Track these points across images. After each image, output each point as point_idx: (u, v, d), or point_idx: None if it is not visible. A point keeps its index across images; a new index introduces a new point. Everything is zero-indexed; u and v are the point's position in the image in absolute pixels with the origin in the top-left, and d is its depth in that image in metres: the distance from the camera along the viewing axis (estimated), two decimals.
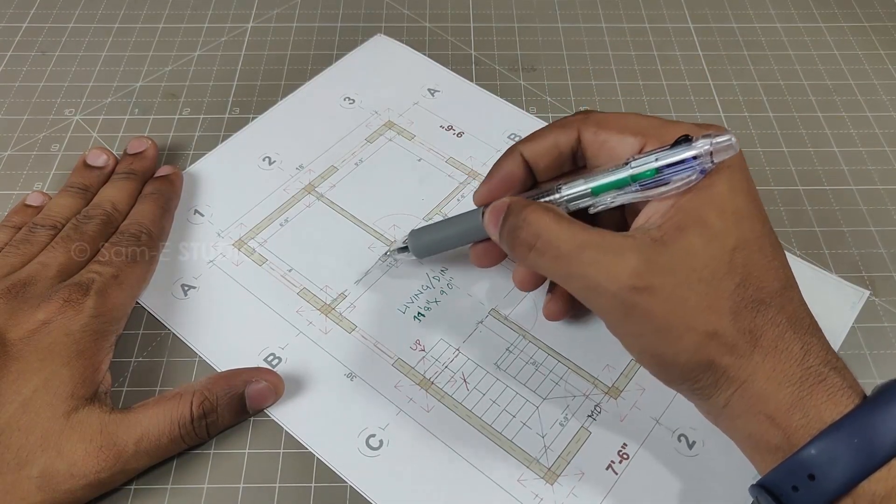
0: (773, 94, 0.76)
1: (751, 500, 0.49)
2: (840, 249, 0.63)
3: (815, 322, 0.43)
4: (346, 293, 0.59)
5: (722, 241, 0.41)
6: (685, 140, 0.42)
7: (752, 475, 0.49)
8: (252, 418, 0.53)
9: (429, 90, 0.74)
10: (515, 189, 0.51)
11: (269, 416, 0.53)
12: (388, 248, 0.58)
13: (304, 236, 0.62)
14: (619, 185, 0.45)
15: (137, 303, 0.58)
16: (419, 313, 0.58)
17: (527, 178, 0.51)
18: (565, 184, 0.48)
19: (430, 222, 0.51)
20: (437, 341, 0.57)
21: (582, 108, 0.49)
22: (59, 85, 0.75)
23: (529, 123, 0.72)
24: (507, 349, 0.56)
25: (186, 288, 0.59)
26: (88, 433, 0.47)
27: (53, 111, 0.72)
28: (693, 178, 0.42)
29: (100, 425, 0.47)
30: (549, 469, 0.51)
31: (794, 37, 0.82)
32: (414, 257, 0.57)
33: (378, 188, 0.66)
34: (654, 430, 0.53)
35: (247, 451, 0.52)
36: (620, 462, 0.51)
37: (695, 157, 0.42)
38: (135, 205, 0.61)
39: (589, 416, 0.53)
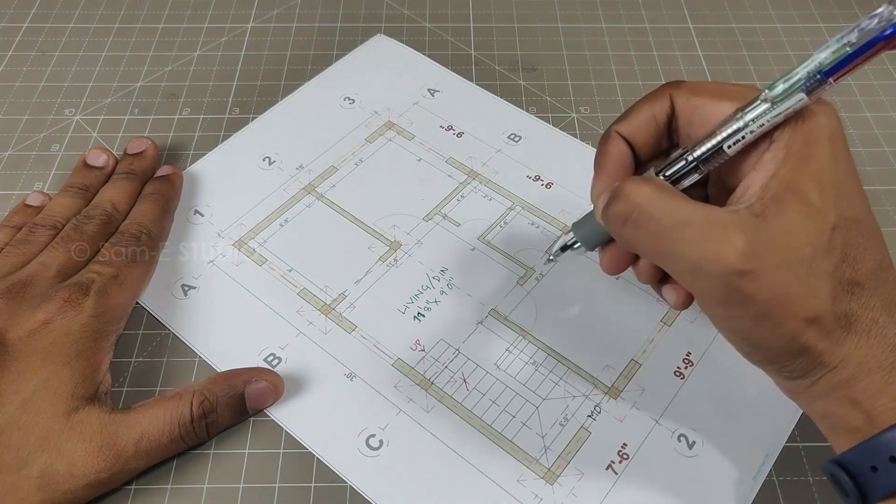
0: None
1: (751, 499, 0.49)
2: None
3: None
4: (346, 293, 0.59)
5: (822, 218, 0.38)
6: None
7: (752, 475, 0.50)
8: (252, 419, 0.53)
9: (429, 90, 0.74)
10: (628, 172, 0.46)
11: (269, 417, 0.53)
12: (547, 252, 0.53)
13: (304, 236, 0.62)
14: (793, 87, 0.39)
15: (137, 303, 0.58)
16: (419, 313, 0.58)
17: (632, 158, 0.46)
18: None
19: (583, 214, 0.49)
20: (436, 341, 0.57)
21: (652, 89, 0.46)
22: (59, 85, 0.75)
23: (529, 123, 0.72)
24: (506, 349, 0.56)
25: (187, 288, 0.59)
26: (88, 433, 0.47)
27: (53, 111, 0.72)
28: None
29: (100, 425, 0.47)
30: (548, 469, 0.51)
31: (794, 37, 0.82)
32: (584, 250, 0.50)
33: (378, 188, 0.66)
34: (654, 431, 0.53)
35: (247, 451, 0.52)
36: (620, 462, 0.51)
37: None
38: (135, 205, 0.61)
39: (589, 416, 0.53)
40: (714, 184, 0.46)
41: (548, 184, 0.66)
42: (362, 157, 0.68)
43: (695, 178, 0.43)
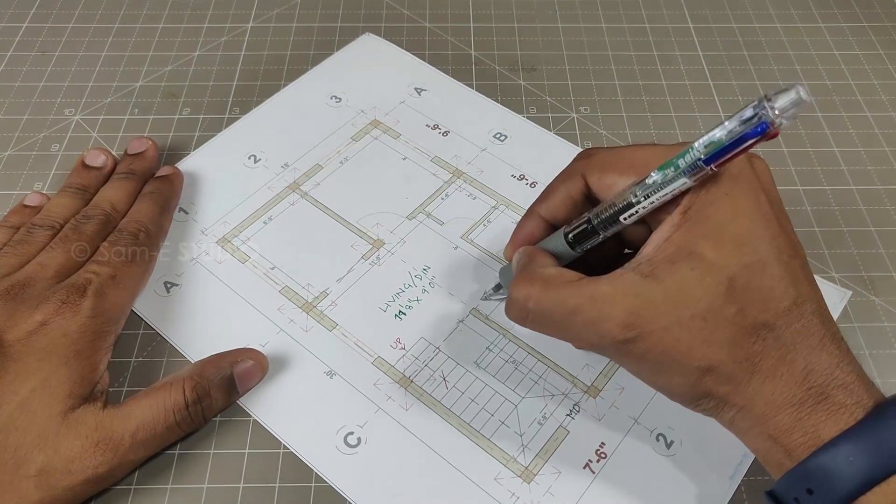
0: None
1: (728, 498, 0.49)
2: (840, 249, 0.63)
3: (833, 331, 0.42)
4: (328, 291, 0.59)
5: (717, 272, 0.40)
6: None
7: (729, 475, 0.49)
8: (252, 419, 0.53)
9: (415, 89, 0.74)
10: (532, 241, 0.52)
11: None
12: (484, 294, 0.59)
13: (287, 234, 0.62)
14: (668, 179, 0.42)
15: None
16: (400, 312, 0.58)
17: (547, 233, 0.51)
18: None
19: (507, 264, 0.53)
20: (417, 339, 0.57)
21: (584, 147, 0.48)
22: (59, 85, 0.75)
23: (515, 123, 0.72)
24: (487, 348, 0.56)
25: (169, 285, 0.59)
26: (84, 430, 0.47)
27: (53, 111, 0.73)
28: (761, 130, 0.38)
29: (95, 421, 0.48)
30: (525, 468, 0.51)
31: (794, 37, 0.81)
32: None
33: (362, 186, 0.66)
34: (633, 430, 0.53)
35: (247, 451, 0.52)
36: (598, 461, 0.51)
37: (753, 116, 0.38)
38: (134, 204, 0.61)
39: (567, 414, 0.53)
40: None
41: (532, 183, 0.66)
42: (347, 156, 0.68)
43: (596, 240, 0.47)
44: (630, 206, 0.43)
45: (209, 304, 0.58)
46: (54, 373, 0.48)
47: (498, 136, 0.70)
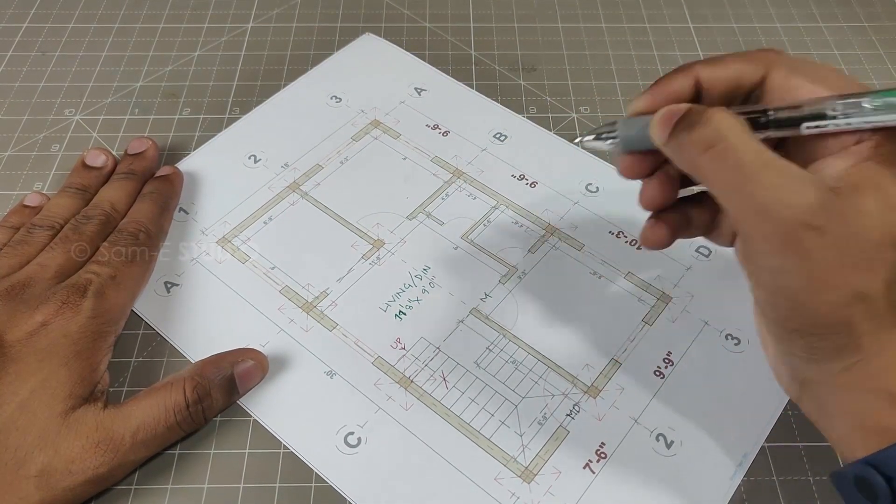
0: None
1: (728, 499, 0.49)
2: None
3: None
4: (328, 291, 0.59)
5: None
6: None
7: (729, 476, 0.49)
8: (252, 419, 0.53)
9: (416, 89, 0.74)
10: (678, 103, 0.44)
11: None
12: (581, 135, 0.49)
13: (287, 234, 0.62)
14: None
15: None
16: (400, 311, 0.58)
17: (693, 99, 0.44)
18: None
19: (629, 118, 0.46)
20: (417, 340, 0.57)
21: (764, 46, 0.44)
22: (59, 85, 0.75)
23: (515, 122, 0.72)
24: (487, 348, 0.56)
25: (169, 285, 0.59)
26: (85, 431, 0.47)
27: (53, 111, 0.73)
28: None
29: (95, 422, 0.48)
30: (526, 468, 0.51)
31: (794, 37, 0.81)
32: (617, 150, 0.47)
33: (362, 186, 0.66)
34: (633, 430, 0.52)
35: (247, 451, 0.52)
36: (598, 461, 0.51)
37: None
38: (134, 204, 0.61)
39: (567, 415, 0.53)
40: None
41: (532, 183, 0.66)
42: (347, 156, 0.68)
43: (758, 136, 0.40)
44: (822, 116, 0.39)
45: (209, 304, 0.58)
46: (54, 373, 0.48)
47: (498, 136, 0.70)
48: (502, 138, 0.69)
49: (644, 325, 0.57)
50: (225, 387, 0.52)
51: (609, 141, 0.47)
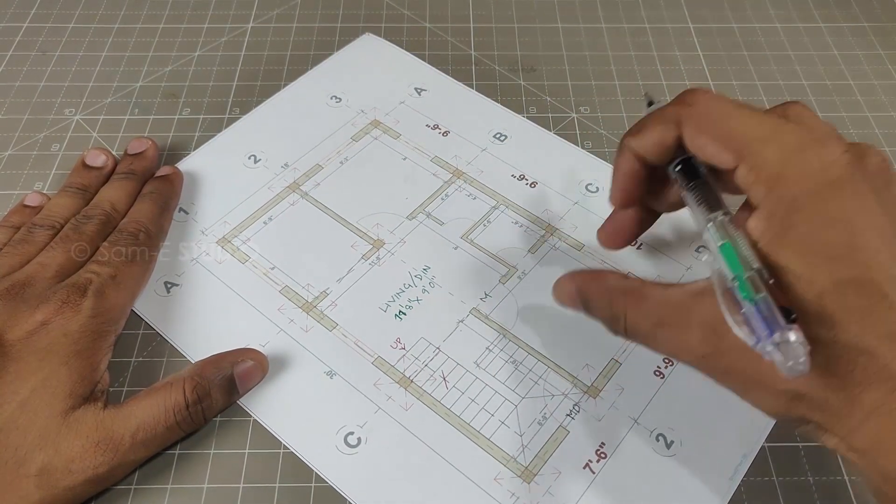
0: (773, 94, 0.75)
1: (728, 499, 0.49)
2: None
3: None
4: (328, 291, 0.59)
5: (806, 287, 0.36)
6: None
7: (729, 476, 0.49)
8: (252, 419, 0.53)
9: (416, 89, 0.74)
10: (639, 182, 0.49)
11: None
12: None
13: (287, 234, 0.62)
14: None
15: None
16: (400, 311, 0.58)
17: (642, 167, 0.48)
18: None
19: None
20: (417, 340, 0.57)
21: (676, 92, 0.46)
22: (59, 85, 0.75)
23: (515, 122, 0.72)
24: (487, 348, 0.56)
25: (169, 285, 0.59)
26: (85, 430, 0.47)
27: (53, 111, 0.73)
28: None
29: (96, 422, 0.48)
30: (525, 468, 0.51)
31: (794, 37, 0.82)
32: None
33: (362, 187, 0.66)
34: (633, 430, 0.52)
35: (247, 451, 0.52)
36: (598, 461, 0.51)
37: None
38: (134, 204, 0.61)
39: (567, 415, 0.53)
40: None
41: (532, 183, 0.66)
42: (347, 156, 0.68)
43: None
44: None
45: (209, 304, 0.58)
46: (55, 372, 0.48)
47: (498, 136, 0.70)
48: (502, 138, 0.70)
49: None
50: (225, 387, 0.52)
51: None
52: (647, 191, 0.51)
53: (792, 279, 0.37)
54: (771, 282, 0.37)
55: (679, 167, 0.47)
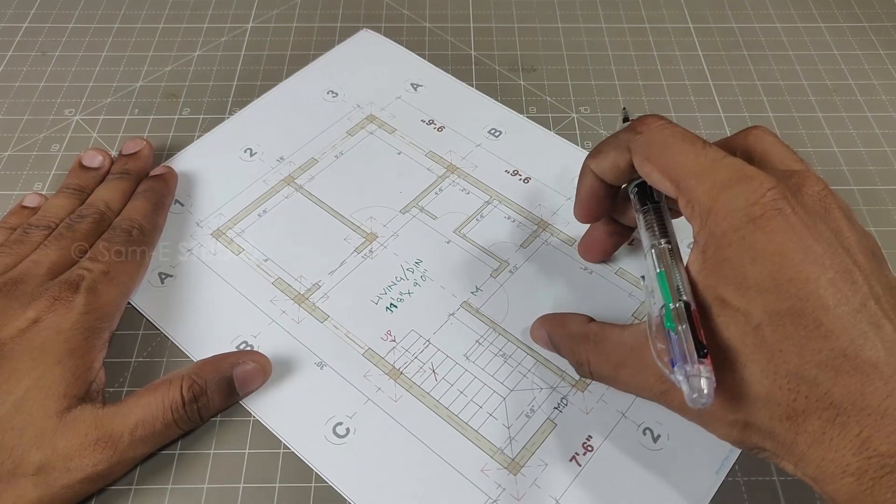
0: (772, 94, 0.75)
1: (713, 493, 0.49)
2: None
3: None
4: (320, 283, 0.59)
5: (741, 319, 0.38)
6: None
7: (715, 470, 0.49)
8: (252, 419, 0.53)
9: (412, 84, 0.74)
10: (600, 200, 0.52)
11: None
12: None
13: (281, 227, 0.63)
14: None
15: None
16: (392, 304, 0.58)
17: (602, 187, 0.51)
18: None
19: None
20: (407, 332, 0.57)
21: (634, 117, 0.47)
22: (59, 85, 0.76)
23: (510, 118, 0.72)
24: (476, 341, 0.56)
25: (164, 276, 0.59)
26: (83, 429, 0.47)
27: (53, 111, 0.73)
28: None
29: (93, 420, 0.48)
30: (512, 460, 0.51)
31: (794, 37, 0.81)
32: None
33: (356, 180, 0.66)
34: (620, 424, 0.52)
35: (247, 451, 0.52)
36: (584, 454, 0.51)
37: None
38: (128, 202, 0.61)
39: (555, 408, 0.53)
40: None
41: (526, 178, 0.66)
42: (343, 150, 0.68)
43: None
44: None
45: (203, 294, 0.59)
46: (49, 371, 0.48)
47: (493, 131, 0.70)
48: (497, 134, 0.70)
49: (634, 320, 0.57)
50: (222, 388, 0.52)
51: None
52: (613, 207, 0.54)
53: (730, 312, 0.39)
54: (693, 317, 0.40)
55: (637, 189, 0.50)
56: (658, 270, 0.44)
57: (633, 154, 0.45)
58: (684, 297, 0.41)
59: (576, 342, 0.50)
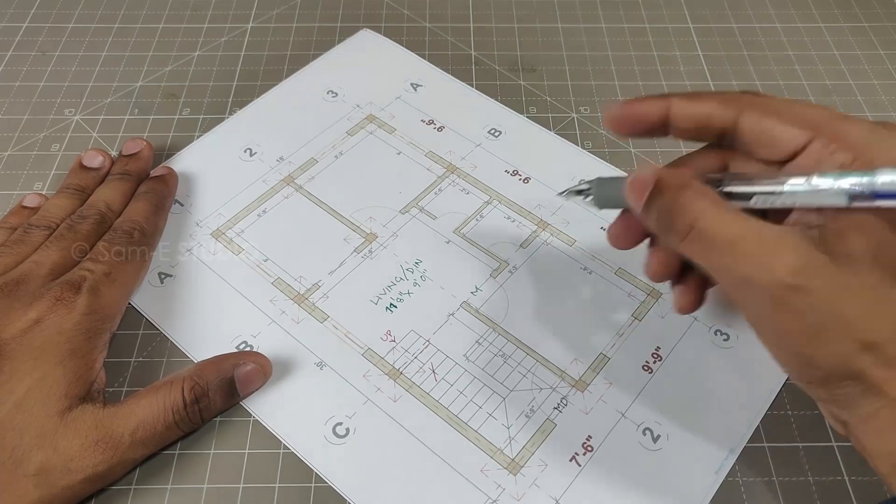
0: (772, 94, 0.75)
1: (713, 493, 0.49)
2: None
3: None
4: (319, 283, 0.59)
5: (892, 248, 0.37)
6: None
7: (714, 470, 0.49)
8: (252, 419, 0.53)
9: (412, 84, 0.74)
10: (641, 128, 0.46)
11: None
12: (565, 190, 0.51)
13: (280, 227, 0.63)
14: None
15: None
16: (391, 304, 0.58)
17: (659, 128, 0.45)
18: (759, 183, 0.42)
19: (616, 175, 0.48)
20: (407, 332, 0.57)
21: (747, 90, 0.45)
22: (59, 85, 0.76)
23: (510, 118, 0.72)
24: (476, 341, 0.56)
25: (163, 276, 0.59)
26: (84, 429, 0.47)
27: (53, 111, 0.73)
28: None
29: (94, 421, 0.48)
30: (512, 460, 0.51)
31: (794, 37, 0.81)
32: (594, 206, 0.49)
33: (356, 181, 0.66)
34: (619, 424, 0.52)
35: (247, 451, 0.52)
36: (584, 454, 0.51)
37: None
38: (129, 203, 0.61)
39: (555, 408, 0.53)
40: None
41: (525, 178, 0.66)
42: (342, 150, 0.68)
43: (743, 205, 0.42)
44: (771, 193, 0.40)
45: (202, 294, 0.59)
46: (50, 372, 0.48)
47: (492, 131, 0.70)
48: (497, 134, 0.70)
49: (633, 320, 0.57)
50: (224, 389, 0.52)
51: (587, 198, 0.49)
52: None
53: (876, 238, 0.38)
54: None
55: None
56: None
57: (748, 111, 0.42)
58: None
59: (697, 187, 0.42)
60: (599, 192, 0.48)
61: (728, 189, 0.42)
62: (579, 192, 0.50)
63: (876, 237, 0.37)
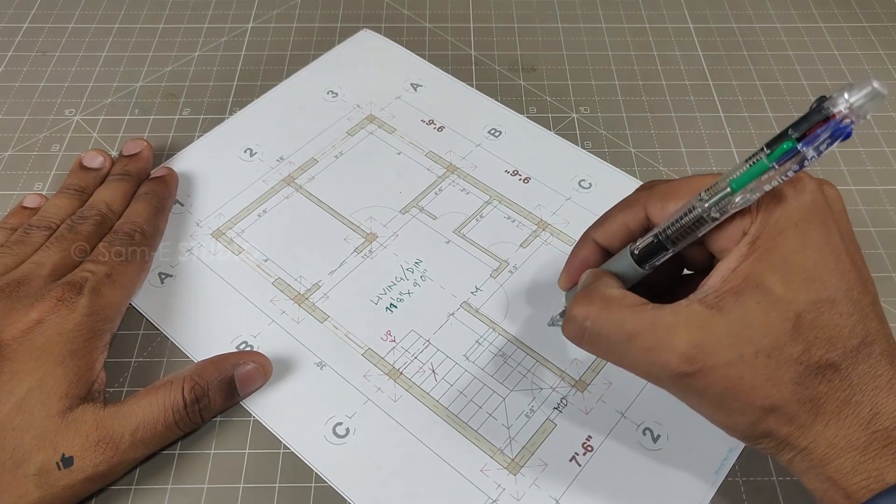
0: (772, 94, 0.75)
1: (712, 493, 0.49)
2: None
3: None
4: (320, 283, 0.59)
5: (784, 308, 0.38)
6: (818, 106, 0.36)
7: (714, 470, 0.49)
8: (252, 419, 0.53)
9: (412, 84, 0.74)
10: (592, 266, 0.49)
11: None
12: (551, 319, 0.56)
13: (280, 227, 0.63)
14: (756, 171, 0.38)
15: None
16: (391, 304, 0.58)
17: (602, 259, 0.49)
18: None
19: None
20: (407, 332, 0.57)
21: (644, 182, 0.46)
22: (59, 85, 0.76)
23: (510, 118, 0.72)
24: (476, 341, 0.56)
25: (163, 276, 0.60)
26: (84, 429, 0.47)
27: (53, 111, 0.73)
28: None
29: (95, 421, 0.48)
30: (512, 460, 0.51)
31: (794, 37, 0.81)
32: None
33: (356, 180, 0.66)
34: (620, 424, 0.52)
35: (247, 451, 0.52)
36: (584, 454, 0.51)
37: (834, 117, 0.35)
38: (129, 205, 0.61)
39: (555, 408, 0.53)
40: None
41: (525, 178, 0.66)
42: (342, 150, 0.68)
43: (664, 255, 0.44)
44: (701, 219, 0.41)
45: (202, 294, 0.59)
46: (51, 372, 0.48)
47: (492, 131, 0.70)
48: (497, 134, 0.70)
49: None
50: (224, 388, 0.52)
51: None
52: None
53: (767, 298, 0.39)
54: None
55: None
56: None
57: (651, 204, 0.45)
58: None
59: (587, 292, 0.45)
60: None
61: (665, 235, 0.43)
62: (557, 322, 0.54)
63: (771, 297, 0.39)
